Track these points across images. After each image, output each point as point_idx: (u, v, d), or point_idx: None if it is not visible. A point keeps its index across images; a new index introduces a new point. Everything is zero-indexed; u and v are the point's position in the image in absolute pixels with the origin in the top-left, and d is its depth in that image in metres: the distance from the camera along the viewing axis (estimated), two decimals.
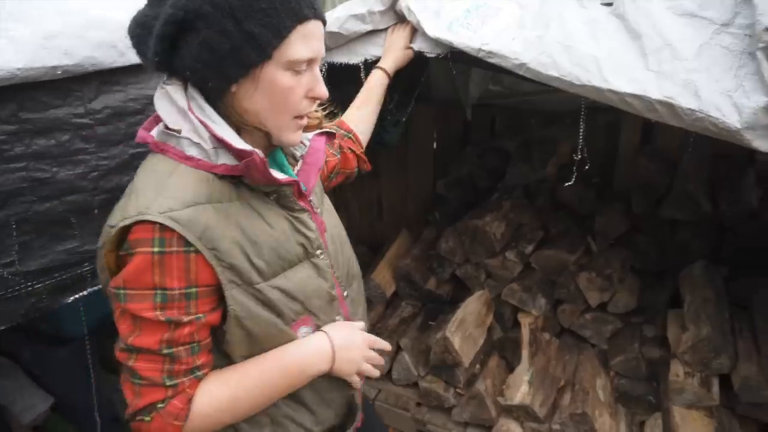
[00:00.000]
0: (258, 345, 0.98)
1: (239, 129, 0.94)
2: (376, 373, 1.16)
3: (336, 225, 1.21)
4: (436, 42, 1.42)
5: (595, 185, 2.95)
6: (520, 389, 2.15)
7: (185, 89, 0.91)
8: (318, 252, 1.06)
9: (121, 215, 0.86)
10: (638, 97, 1.07)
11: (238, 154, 0.90)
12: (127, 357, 0.88)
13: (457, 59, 1.42)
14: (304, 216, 1.04)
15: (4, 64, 1.10)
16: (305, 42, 0.89)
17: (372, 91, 1.54)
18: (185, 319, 0.88)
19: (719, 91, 1.00)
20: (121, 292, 0.86)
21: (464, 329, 2.33)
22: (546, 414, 2.09)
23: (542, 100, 2.80)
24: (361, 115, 1.52)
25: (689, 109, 1.01)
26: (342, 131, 1.44)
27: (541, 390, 2.14)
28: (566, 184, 1.57)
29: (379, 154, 3.25)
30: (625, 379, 2.23)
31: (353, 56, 1.66)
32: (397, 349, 2.56)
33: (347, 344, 1.07)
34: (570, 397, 2.14)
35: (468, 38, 1.31)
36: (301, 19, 0.87)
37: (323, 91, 0.95)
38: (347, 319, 1.15)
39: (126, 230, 0.85)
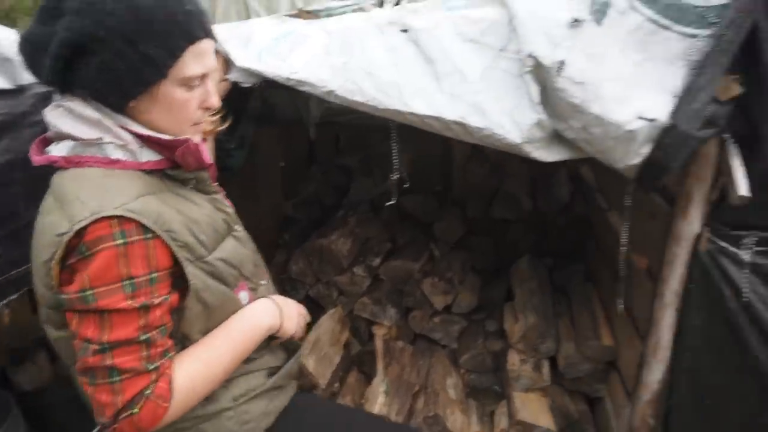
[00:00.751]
0: (212, 317, 1.08)
1: None
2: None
3: None
4: (249, 71, 1.40)
5: (437, 193, 3.14)
6: (377, 401, 2.18)
7: (88, 103, 0.97)
8: (236, 227, 1.20)
9: (69, 223, 0.90)
10: (436, 118, 1.15)
11: (169, 145, 1.00)
12: (103, 357, 0.91)
13: (273, 87, 1.42)
14: (220, 196, 1.19)
15: None
16: (198, 60, 0.98)
17: None
18: (156, 301, 0.94)
19: (501, 111, 1.11)
20: (88, 293, 0.90)
21: (319, 350, 2.32)
22: (403, 421, 2.15)
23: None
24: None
25: (477, 127, 1.11)
26: None
27: (396, 398, 2.20)
28: (387, 203, 1.65)
29: (225, 179, 3.14)
30: (473, 374, 2.38)
31: None
32: None
33: (287, 305, 1.26)
34: (423, 400, 2.22)
35: (277, 67, 1.32)
36: (193, 39, 0.96)
37: (215, 101, 1.06)
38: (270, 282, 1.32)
39: (80, 234, 0.89)
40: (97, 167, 0.96)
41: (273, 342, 1.28)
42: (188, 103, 1.01)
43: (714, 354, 1.48)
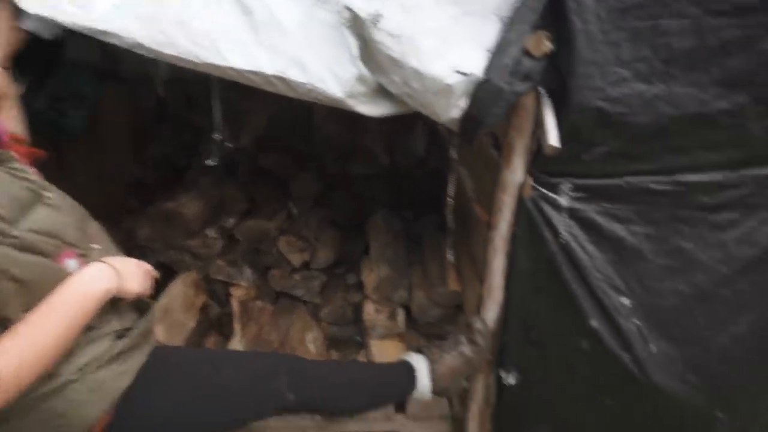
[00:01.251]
0: (33, 292, 1.00)
1: None
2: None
3: None
4: (42, 18, 1.22)
5: (298, 151, 3.07)
6: None
7: None
8: (47, 193, 1.11)
9: None
10: (255, 73, 1.09)
11: None
12: None
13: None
14: (18, 164, 1.10)
15: None
16: None
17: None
18: None
19: (322, 64, 1.08)
20: None
21: (170, 317, 2.22)
22: None
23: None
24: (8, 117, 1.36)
25: (299, 82, 1.07)
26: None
27: None
28: (207, 162, 1.58)
29: (63, 143, 2.82)
30: (334, 327, 2.43)
31: None
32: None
33: (126, 265, 1.18)
34: None
35: (74, 15, 1.16)
36: None
37: None
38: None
39: None
40: None
41: (121, 303, 1.22)
42: None
43: (539, 293, 1.63)
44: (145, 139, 3.13)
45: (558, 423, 1.82)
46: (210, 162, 1.66)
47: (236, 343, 2.20)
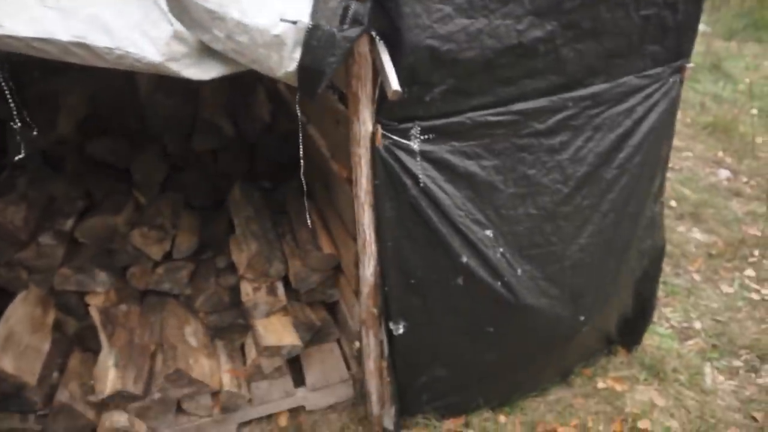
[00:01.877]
0: None
1: None
2: None
3: None
4: None
5: (131, 134, 2.77)
6: (108, 377, 1.96)
7: None
8: None
9: None
10: (46, 41, 0.93)
11: None
12: None
13: None
14: None
15: None
16: None
17: None
18: None
19: (128, 25, 0.95)
20: None
21: (16, 344, 1.94)
22: (144, 388, 1.99)
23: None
24: None
25: (106, 47, 0.93)
26: None
27: (130, 367, 2.01)
28: (16, 158, 1.37)
29: None
30: (213, 315, 2.29)
31: None
32: None
33: None
34: (162, 357, 2.07)
35: None
36: None
37: None
38: None
39: None
40: None
41: None
42: None
43: (409, 239, 1.68)
44: None
45: (449, 360, 1.93)
46: (18, 157, 1.40)
47: (106, 356, 2.00)
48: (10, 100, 1.19)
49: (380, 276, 1.74)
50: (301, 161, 1.81)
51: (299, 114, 2.61)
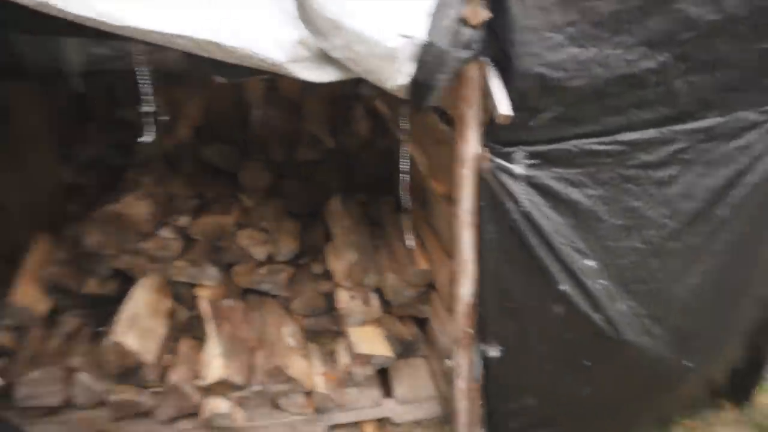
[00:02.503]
0: None
1: None
2: None
3: None
4: None
5: (238, 141, 2.99)
6: (214, 365, 2.13)
7: None
8: None
9: None
10: (184, 37, 1.06)
11: None
12: None
13: None
14: None
15: None
16: None
17: None
18: None
19: (260, 28, 1.06)
20: None
21: (138, 325, 2.15)
22: (245, 380, 2.14)
23: (158, 59, 2.63)
24: None
25: (233, 46, 1.05)
26: None
27: (234, 358, 2.17)
28: (143, 139, 1.50)
29: None
30: (309, 318, 2.43)
31: None
32: (69, 371, 2.22)
33: None
34: (263, 353, 2.22)
35: None
36: None
37: None
38: None
39: None
40: None
41: None
42: None
43: (509, 262, 1.70)
44: (70, 140, 2.95)
45: (541, 390, 1.91)
46: (146, 139, 1.56)
47: (213, 346, 2.17)
48: (146, 89, 1.34)
49: (477, 297, 1.77)
50: (400, 177, 1.90)
51: (399, 133, 2.71)
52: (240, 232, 2.41)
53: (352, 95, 3.04)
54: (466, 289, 1.77)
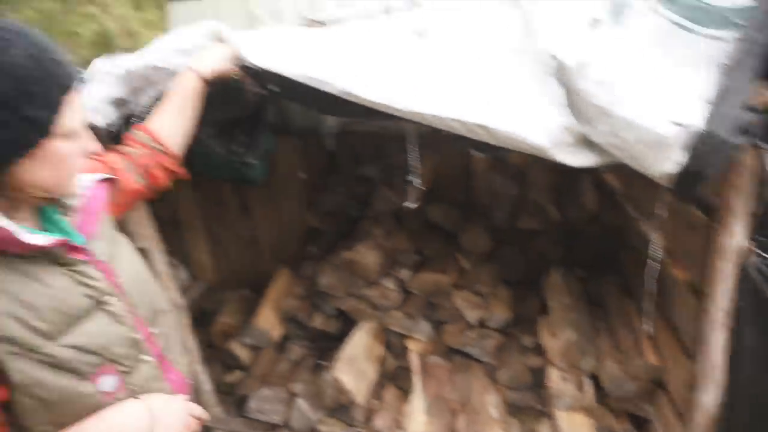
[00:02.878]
0: (56, 411, 0.97)
1: (11, 201, 0.96)
2: None
3: (132, 262, 1.22)
4: (265, 70, 1.38)
5: (459, 203, 3.12)
6: (417, 420, 2.17)
7: None
8: (110, 299, 1.06)
9: None
10: (458, 120, 1.14)
11: None
12: None
13: (290, 90, 1.40)
14: (85, 267, 1.03)
15: None
16: (74, 109, 0.94)
17: (186, 99, 1.45)
18: None
19: (526, 113, 1.10)
20: None
21: (354, 365, 2.31)
22: None
23: (398, 125, 2.91)
24: (175, 124, 1.44)
25: (502, 130, 1.10)
26: (152, 144, 1.39)
27: (437, 417, 2.19)
28: (406, 204, 1.64)
29: (247, 190, 3.18)
30: (512, 391, 2.35)
31: None
32: (291, 395, 2.48)
33: (165, 411, 1.09)
34: (465, 419, 2.20)
35: (294, 65, 1.31)
36: (67, 90, 0.92)
37: (96, 146, 1.03)
38: (158, 355, 1.17)
39: None
40: None
41: None
42: (73, 154, 0.97)
43: None
44: (318, 190, 3.39)
45: None
46: (410, 205, 1.75)
47: (418, 401, 2.23)
48: (414, 159, 1.48)
49: (722, 408, 1.54)
50: (648, 263, 1.75)
51: (631, 208, 2.54)
52: (456, 293, 2.46)
53: (579, 167, 2.96)
54: (709, 397, 1.55)
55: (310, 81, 1.33)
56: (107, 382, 1.03)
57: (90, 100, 1.56)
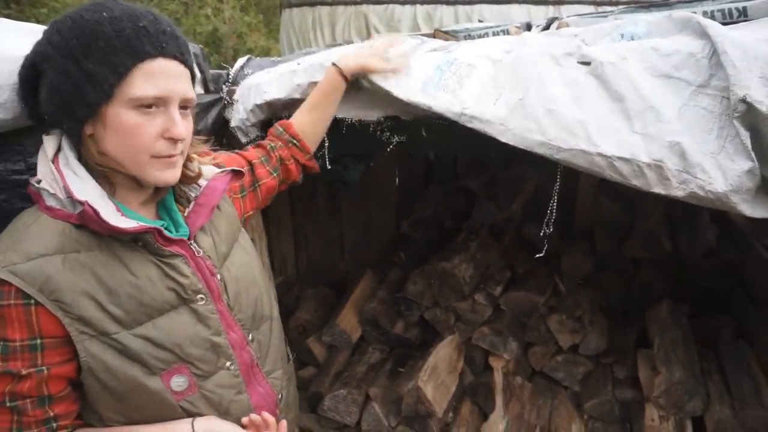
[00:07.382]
0: (123, 401, 0.95)
1: (107, 175, 0.93)
2: None
3: (245, 264, 1.14)
4: (415, 105, 1.31)
5: (561, 224, 2.99)
6: None
7: (60, 139, 0.94)
8: (197, 297, 1.00)
9: None
10: (627, 160, 1.06)
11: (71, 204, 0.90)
12: None
13: (438, 121, 1.35)
14: (177, 261, 0.98)
15: None
16: (149, 80, 0.88)
17: (325, 94, 1.41)
18: (24, 372, 0.87)
19: (704, 153, 1.01)
20: None
21: (436, 377, 2.27)
22: None
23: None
24: (311, 119, 1.43)
25: (677, 171, 1.01)
26: (287, 136, 1.38)
27: None
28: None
29: (340, 191, 3.23)
30: (598, 422, 2.21)
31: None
32: (366, 398, 2.47)
33: None
34: None
35: (448, 102, 1.27)
36: (143, 57, 0.87)
37: (179, 131, 0.91)
38: (249, 363, 1.10)
39: None
40: (40, 210, 0.92)
41: None
42: (142, 129, 0.89)
43: None
44: (411, 198, 3.38)
45: None
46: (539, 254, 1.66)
47: (498, 419, 2.15)
48: (554, 201, 1.39)
49: None
50: (751, 300, 1.58)
51: (758, 247, 2.32)
52: (552, 316, 2.36)
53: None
54: None
55: (468, 121, 1.23)
56: (177, 382, 0.98)
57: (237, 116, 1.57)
